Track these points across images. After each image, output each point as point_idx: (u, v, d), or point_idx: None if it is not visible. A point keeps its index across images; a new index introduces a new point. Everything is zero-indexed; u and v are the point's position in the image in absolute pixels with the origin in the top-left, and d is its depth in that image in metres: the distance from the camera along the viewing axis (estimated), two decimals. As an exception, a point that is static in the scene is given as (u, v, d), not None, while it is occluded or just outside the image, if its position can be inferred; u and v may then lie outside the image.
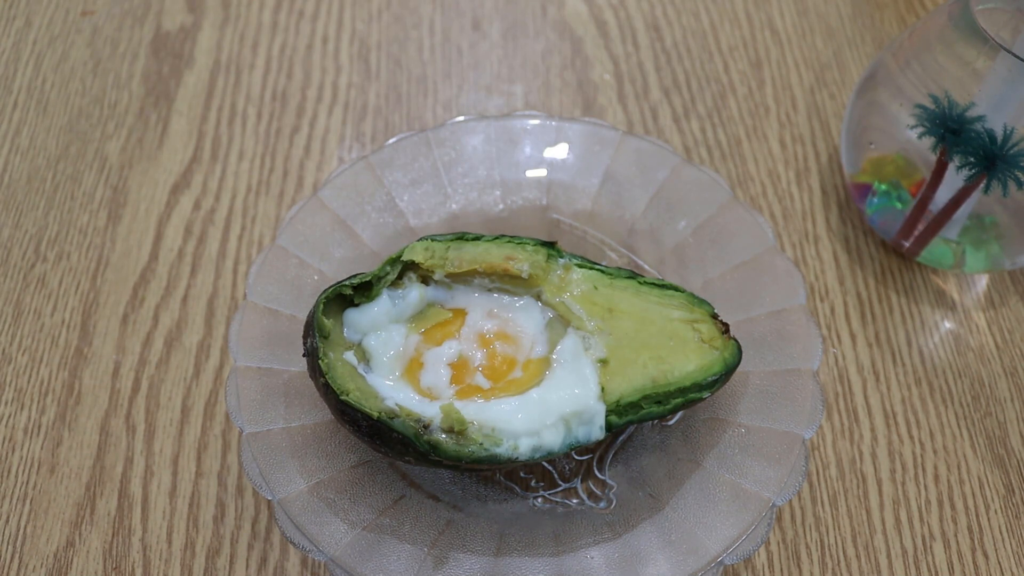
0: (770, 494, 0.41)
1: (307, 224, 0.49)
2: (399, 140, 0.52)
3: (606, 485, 0.45)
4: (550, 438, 0.41)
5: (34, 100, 0.62)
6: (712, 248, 0.49)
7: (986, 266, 0.53)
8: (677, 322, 0.43)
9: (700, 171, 0.50)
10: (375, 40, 0.66)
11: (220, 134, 0.61)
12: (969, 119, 0.45)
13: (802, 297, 0.45)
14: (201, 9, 0.67)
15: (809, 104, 0.63)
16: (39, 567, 0.45)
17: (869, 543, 0.46)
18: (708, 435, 0.44)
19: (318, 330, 0.41)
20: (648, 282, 0.45)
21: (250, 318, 0.45)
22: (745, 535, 0.40)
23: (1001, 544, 0.47)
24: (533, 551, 0.42)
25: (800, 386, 0.44)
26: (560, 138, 0.53)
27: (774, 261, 0.47)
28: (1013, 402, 0.51)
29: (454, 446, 0.39)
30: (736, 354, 0.43)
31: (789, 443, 0.42)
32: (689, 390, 0.42)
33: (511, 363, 0.43)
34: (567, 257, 0.45)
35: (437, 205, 0.52)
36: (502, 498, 0.45)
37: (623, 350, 0.43)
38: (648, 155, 0.51)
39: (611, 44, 0.66)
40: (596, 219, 0.52)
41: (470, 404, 0.41)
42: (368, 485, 0.43)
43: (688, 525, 0.41)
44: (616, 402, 0.42)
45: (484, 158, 0.52)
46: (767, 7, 0.68)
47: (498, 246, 0.44)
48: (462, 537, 0.42)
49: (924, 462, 0.49)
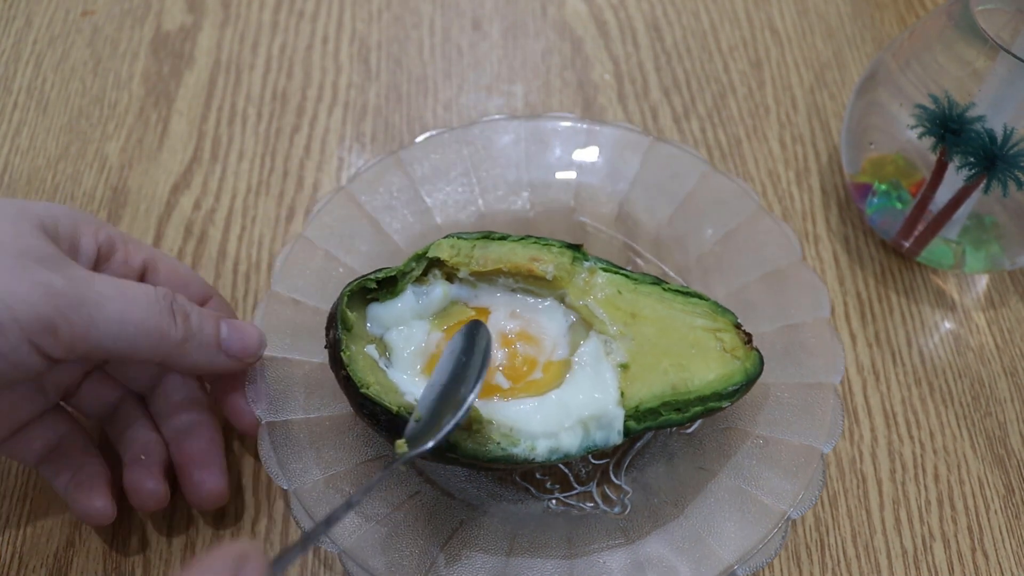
0: (786, 507, 0.40)
1: (334, 217, 0.49)
2: (428, 137, 0.52)
3: (621, 490, 0.45)
4: (568, 441, 0.41)
5: (34, 100, 0.62)
6: (738, 258, 0.49)
7: (986, 266, 0.53)
8: (700, 330, 0.43)
9: (729, 180, 0.50)
10: (375, 40, 0.66)
11: (220, 134, 0.61)
12: (969, 119, 0.45)
13: (826, 310, 0.45)
14: (201, 9, 0.67)
15: (809, 104, 0.63)
16: (40, 567, 0.45)
17: (869, 543, 0.46)
18: (726, 445, 0.44)
19: (341, 322, 0.41)
20: (672, 289, 0.44)
21: (273, 308, 0.46)
22: (759, 547, 0.40)
23: (1001, 544, 0.47)
24: (545, 553, 0.41)
25: (821, 400, 0.43)
26: (590, 141, 0.53)
27: (800, 274, 0.47)
28: (1013, 402, 0.51)
29: (472, 444, 0.39)
30: (758, 365, 0.42)
31: (807, 456, 0.42)
32: (709, 399, 0.42)
33: (532, 364, 0.43)
34: (592, 260, 0.45)
35: (466, 203, 0.52)
36: (517, 498, 0.45)
37: (644, 356, 0.43)
38: (677, 161, 0.52)
39: (611, 44, 0.66)
40: (623, 224, 0.52)
41: (489, 403, 0.41)
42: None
43: (702, 534, 0.41)
44: (635, 408, 0.42)
45: (513, 158, 0.53)
46: (767, 7, 0.68)
47: (524, 246, 0.44)
48: (475, 536, 0.42)
49: (924, 462, 0.49)
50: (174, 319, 0.38)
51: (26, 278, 0.34)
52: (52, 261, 0.36)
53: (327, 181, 0.59)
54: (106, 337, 0.36)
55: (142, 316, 0.37)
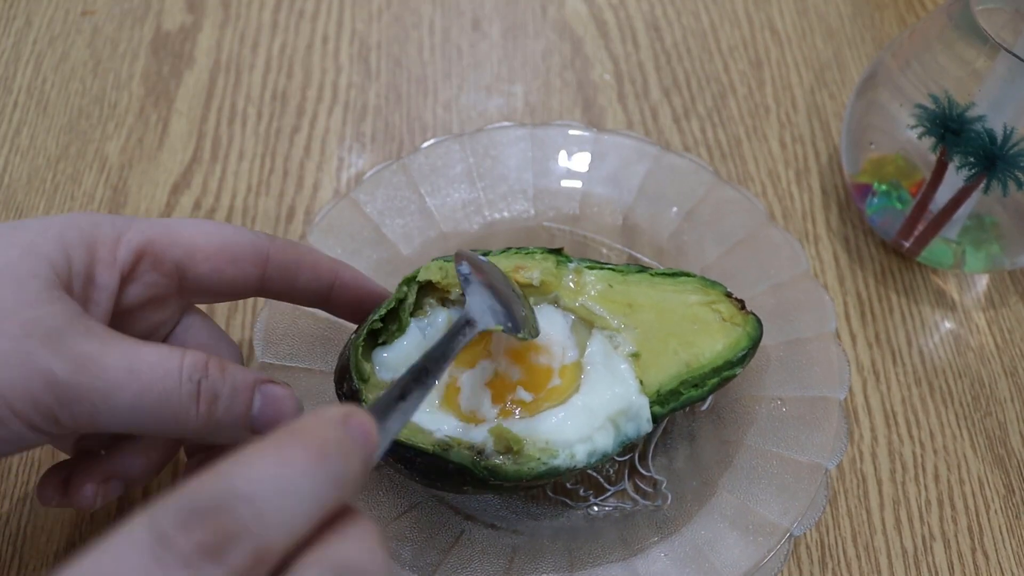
0: (822, 460, 0.41)
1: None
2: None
3: (655, 481, 0.45)
4: (602, 440, 0.41)
5: (34, 100, 0.62)
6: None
7: (986, 266, 0.53)
8: (696, 306, 0.44)
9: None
10: (375, 40, 0.66)
11: (220, 134, 0.61)
12: (969, 119, 0.45)
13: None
14: (201, 9, 0.67)
15: (809, 104, 0.63)
16: (40, 567, 0.45)
17: (869, 543, 0.46)
18: (743, 413, 0.45)
19: (357, 375, 0.39)
20: (659, 273, 0.45)
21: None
22: (808, 503, 0.40)
23: (1001, 544, 0.47)
24: (605, 559, 0.41)
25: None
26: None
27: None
28: (1013, 402, 0.51)
29: (513, 466, 0.39)
30: (757, 327, 0.44)
31: (826, 408, 0.43)
32: (722, 368, 0.43)
33: (548, 372, 0.42)
34: (576, 261, 0.45)
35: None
36: (556, 513, 0.45)
37: (651, 341, 0.43)
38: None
39: (611, 44, 0.66)
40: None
41: (517, 422, 0.41)
42: (426, 528, 0.42)
43: (748, 504, 0.41)
44: (656, 392, 0.42)
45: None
46: (767, 7, 0.68)
47: (506, 258, 0.44)
48: (533, 560, 0.42)
49: (924, 462, 0.49)
50: (196, 405, 0.33)
51: (26, 364, 0.31)
52: (57, 336, 0.32)
53: (327, 181, 0.59)
54: (112, 423, 0.32)
55: (156, 404, 0.32)
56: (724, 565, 0.40)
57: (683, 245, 0.51)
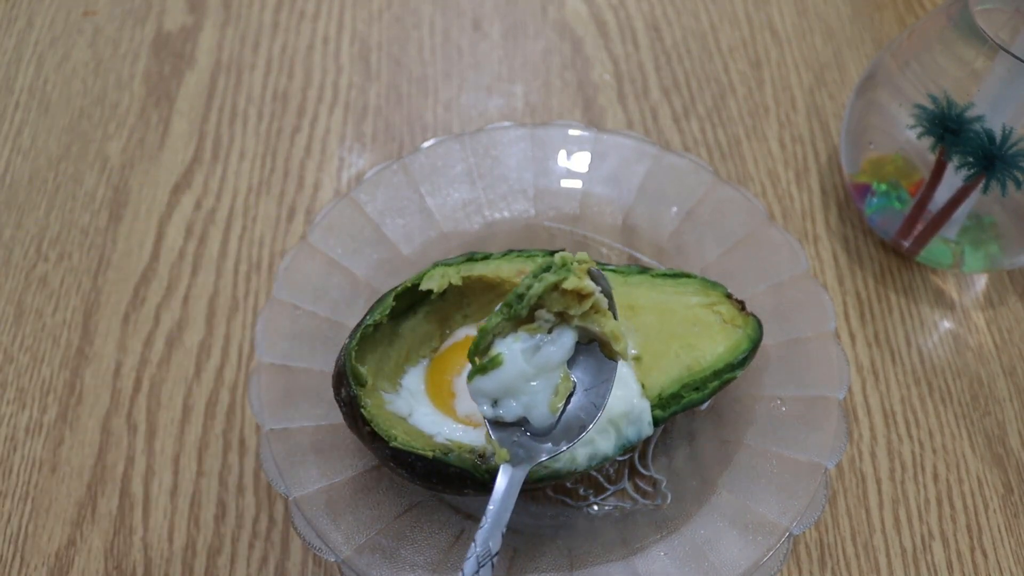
0: (821, 459, 0.41)
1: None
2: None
3: (655, 481, 0.45)
4: (604, 444, 0.41)
5: (36, 100, 0.62)
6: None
7: (985, 266, 0.53)
8: (697, 307, 0.44)
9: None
10: (375, 40, 0.66)
11: (221, 134, 0.61)
12: (968, 119, 0.45)
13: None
14: (202, 9, 0.67)
15: (809, 104, 0.63)
16: (41, 566, 0.45)
17: (868, 542, 0.47)
18: (742, 413, 0.45)
19: (354, 379, 0.39)
20: (660, 274, 0.45)
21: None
22: (808, 503, 0.40)
23: (1000, 543, 0.47)
24: (605, 558, 0.41)
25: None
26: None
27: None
28: (1012, 401, 0.51)
29: None
30: (757, 328, 0.44)
31: (826, 408, 0.43)
32: (723, 371, 0.43)
33: None
34: None
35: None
36: (556, 512, 0.45)
37: (653, 344, 0.43)
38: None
39: (611, 44, 0.66)
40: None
41: None
42: (426, 527, 0.42)
43: (747, 503, 0.41)
44: (658, 395, 0.42)
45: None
46: (767, 7, 0.68)
47: (508, 261, 0.44)
48: (534, 560, 0.42)
49: (923, 461, 0.49)
50: None
51: None
52: None
53: (328, 181, 0.59)
54: None
55: None
56: (724, 564, 0.40)
57: (683, 245, 0.51)
